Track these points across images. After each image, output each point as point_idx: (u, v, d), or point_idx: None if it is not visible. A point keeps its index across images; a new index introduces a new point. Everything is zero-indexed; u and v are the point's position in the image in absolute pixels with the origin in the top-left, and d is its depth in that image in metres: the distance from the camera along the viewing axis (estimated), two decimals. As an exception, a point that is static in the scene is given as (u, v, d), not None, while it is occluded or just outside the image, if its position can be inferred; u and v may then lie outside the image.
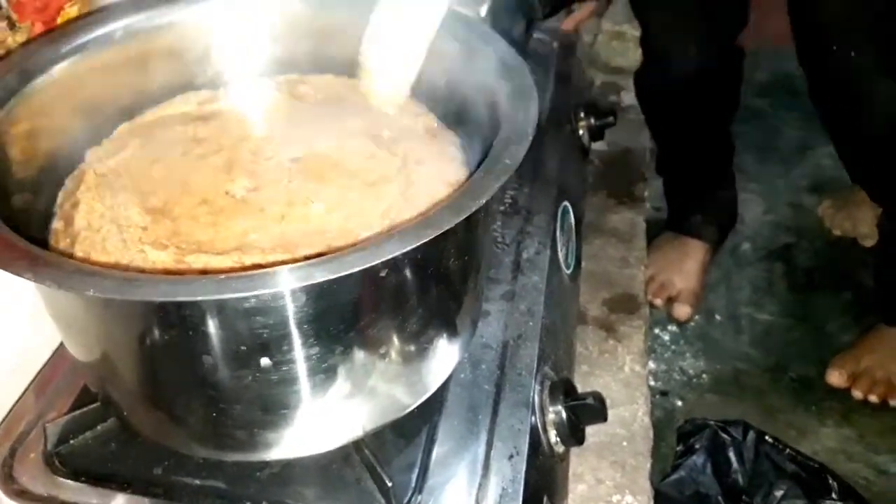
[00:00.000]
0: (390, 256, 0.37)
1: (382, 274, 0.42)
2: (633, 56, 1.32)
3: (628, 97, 1.27)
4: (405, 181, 0.54)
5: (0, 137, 0.50)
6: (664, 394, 1.06)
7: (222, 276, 0.36)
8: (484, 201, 0.41)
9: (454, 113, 0.60)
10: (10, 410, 0.62)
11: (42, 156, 0.55)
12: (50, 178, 0.55)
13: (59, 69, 0.56)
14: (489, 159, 0.44)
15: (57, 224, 0.51)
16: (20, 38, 0.64)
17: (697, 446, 0.90)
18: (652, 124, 1.17)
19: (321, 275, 0.36)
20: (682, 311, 1.13)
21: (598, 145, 1.12)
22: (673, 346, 1.13)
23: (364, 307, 0.44)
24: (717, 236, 1.19)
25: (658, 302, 1.14)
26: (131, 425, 0.53)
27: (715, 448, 0.90)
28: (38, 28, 0.66)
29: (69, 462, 0.56)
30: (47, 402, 0.61)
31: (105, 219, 0.50)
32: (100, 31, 0.57)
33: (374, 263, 0.37)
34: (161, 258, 0.46)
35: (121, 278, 0.36)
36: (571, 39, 1.12)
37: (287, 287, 0.36)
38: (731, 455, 0.89)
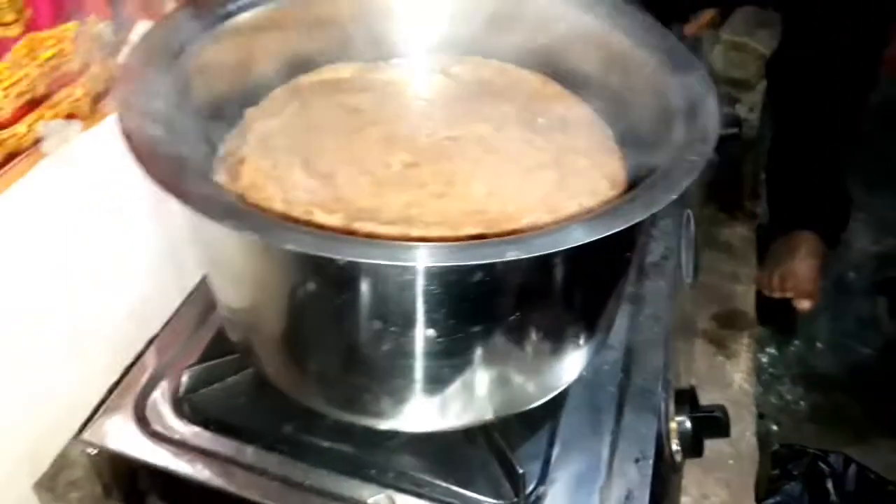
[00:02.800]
0: (582, 241, 0.37)
1: (555, 261, 0.42)
2: (751, 68, 1.28)
3: (743, 110, 1.24)
4: (562, 170, 0.53)
5: (178, 91, 0.51)
6: (760, 416, 1.03)
7: (438, 244, 0.36)
8: (674, 197, 0.40)
9: (609, 105, 0.59)
10: (141, 354, 0.64)
11: (205, 111, 0.56)
12: (207, 134, 0.57)
13: (227, 25, 0.57)
14: (674, 155, 0.43)
15: (222, 177, 0.52)
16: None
17: (795, 473, 0.87)
18: (778, 108, 1.13)
19: (520, 252, 0.36)
20: (803, 304, 1.08)
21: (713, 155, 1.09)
22: (771, 370, 1.10)
23: (526, 292, 0.44)
24: (825, 228, 1.12)
25: (783, 294, 1.10)
26: (269, 377, 0.53)
27: (813, 477, 0.87)
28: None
29: (199, 409, 0.58)
30: (177, 351, 0.63)
31: (269, 178, 0.51)
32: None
33: (565, 247, 0.37)
34: (330, 222, 0.46)
35: (321, 236, 0.36)
36: (694, 45, 1.09)
37: (500, 257, 0.35)
38: (830, 486, 0.86)
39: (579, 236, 0.37)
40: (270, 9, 0.59)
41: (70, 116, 0.55)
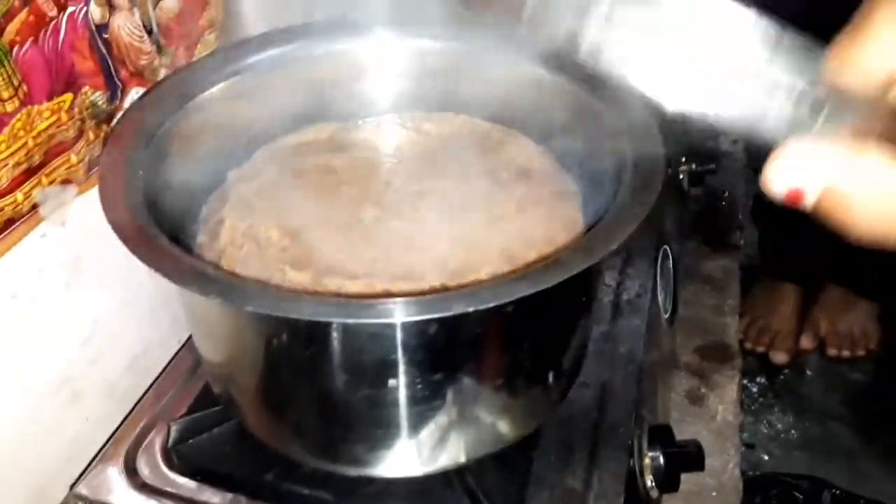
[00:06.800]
0: (522, 295, 0.39)
1: (509, 310, 0.45)
2: (732, 103, 1.31)
3: (726, 142, 1.27)
4: (522, 220, 0.56)
5: (162, 157, 0.55)
6: (750, 446, 1.04)
7: (389, 301, 0.38)
8: (615, 246, 0.42)
9: (570, 155, 0.62)
10: (134, 407, 0.66)
11: (188, 176, 0.59)
12: (192, 197, 0.60)
13: (210, 94, 0.60)
14: (618, 203, 0.46)
15: (202, 238, 0.55)
16: (166, 61, 0.69)
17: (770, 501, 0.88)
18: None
19: (461, 306, 0.38)
20: (779, 356, 1.11)
21: (693, 190, 1.11)
22: (761, 399, 1.11)
23: (484, 341, 0.46)
24: (808, 281, 1.16)
25: (757, 348, 1.12)
26: (250, 428, 0.56)
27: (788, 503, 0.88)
28: (181, 53, 0.71)
29: (187, 460, 0.60)
30: (168, 402, 0.66)
31: (247, 237, 0.54)
32: (250, 60, 0.61)
33: (504, 301, 0.39)
34: (300, 278, 0.49)
35: (277, 296, 0.39)
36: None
37: (448, 313, 0.38)
38: (804, 512, 0.86)
39: (521, 289, 0.40)
40: (253, 75, 0.62)
41: (66, 182, 0.59)
